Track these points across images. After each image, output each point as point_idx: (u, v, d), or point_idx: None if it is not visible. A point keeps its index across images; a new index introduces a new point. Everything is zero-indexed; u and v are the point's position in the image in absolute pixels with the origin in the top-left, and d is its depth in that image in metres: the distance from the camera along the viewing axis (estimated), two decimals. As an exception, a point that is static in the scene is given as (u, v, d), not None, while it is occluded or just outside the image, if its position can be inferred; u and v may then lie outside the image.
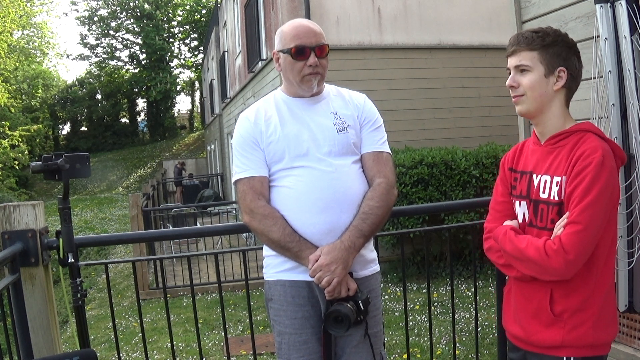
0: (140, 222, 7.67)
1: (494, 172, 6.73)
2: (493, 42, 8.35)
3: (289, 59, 1.96)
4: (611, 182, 1.56)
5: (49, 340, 2.13)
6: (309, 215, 1.90)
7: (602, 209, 1.55)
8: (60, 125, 35.89)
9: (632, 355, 2.80)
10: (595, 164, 1.54)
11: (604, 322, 1.62)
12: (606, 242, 1.61)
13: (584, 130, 1.64)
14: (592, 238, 1.55)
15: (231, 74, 14.92)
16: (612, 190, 1.57)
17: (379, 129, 2.08)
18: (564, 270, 1.56)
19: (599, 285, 1.61)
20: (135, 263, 2.77)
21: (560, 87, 1.65)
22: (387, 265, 7.05)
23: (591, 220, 1.53)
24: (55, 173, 2.02)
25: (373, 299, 1.97)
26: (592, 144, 1.58)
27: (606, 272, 1.63)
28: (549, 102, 1.67)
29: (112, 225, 16.72)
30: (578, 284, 1.60)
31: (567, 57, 1.65)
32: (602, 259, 1.61)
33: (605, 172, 1.54)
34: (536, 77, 1.65)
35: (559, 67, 1.64)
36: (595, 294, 1.61)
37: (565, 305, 1.62)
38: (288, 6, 8.09)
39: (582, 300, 1.61)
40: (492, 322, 4.90)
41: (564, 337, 1.61)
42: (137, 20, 34.02)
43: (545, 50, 1.64)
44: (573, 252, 1.53)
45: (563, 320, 1.62)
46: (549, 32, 1.66)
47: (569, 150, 1.62)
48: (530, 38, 1.65)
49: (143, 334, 2.63)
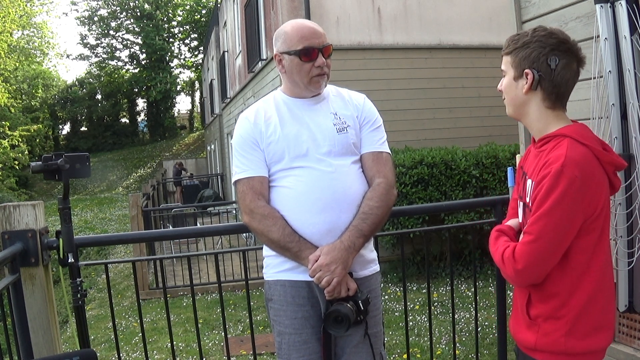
0: (140, 222, 7.67)
1: (494, 172, 6.73)
2: (493, 42, 8.34)
3: (297, 61, 1.95)
4: (571, 192, 1.49)
5: (49, 340, 2.13)
6: (308, 215, 1.90)
7: (560, 219, 1.51)
8: (60, 125, 35.90)
9: (632, 355, 2.80)
10: (552, 174, 1.50)
11: (582, 331, 1.58)
12: (582, 251, 1.56)
13: (562, 135, 1.59)
14: (545, 249, 1.53)
15: (231, 74, 14.92)
16: (577, 201, 1.50)
17: (379, 129, 2.08)
18: (514, 278, 1.60)
19: (575, 295, 1.58)
20: (135, 263, 2.77)
21: (528, 89, 1.61)
22: (387, 265, 7.05)
23: (543, 231, 1.52)
24: (55, 173, 2.02)
25: (373, 299, 1.97)
26: (558, 152, 1.54)
27: (586, 283, 1.58)
28: (523, 105, 1.66)
29: (112, 225, 16.72)
30: (552, 291, 1.59)
31: (537, 57, 1.60)
32: (578, 269, 1.57)
33: (562, 182, 1.49)
34: (507, 81, 1.67)
35: (525, 69, 1.61)
36: (570, 304, 1.58)
37: (539, 310, 1.63)
38: (288, 6, 8.09)
39: (555, 308, 1.59)
40: (492, 322, 4.90)
41: (537, 341, 1.62)
42: (137, 20, 34.02)
43: (515, 53, 1.64)
44: (521, 262, 1.55)
45: (537, 325, 1.63)
46: (528, 33, 1.63)
47: (545, 155, 1.60)
48: (508, 42, 1.67)
49: (143, 334, 2.63)
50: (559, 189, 1.49)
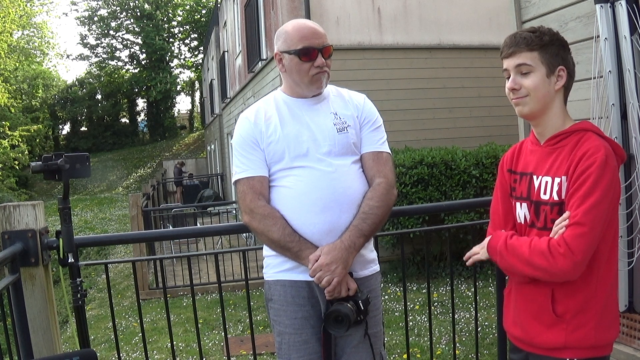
0: (140, 222, 7.67)
1: (494, 172, 6.72)
2: (493, 42, 8.33)
3: (296, 60, 1.95)
4: (614, 182, 1.55)
5: (49, 340, 2.13)
6: (309, 215, 1.90)
7: (605, 209, 1.53)
8: (60, 125, 35.88)
9: (632, 355, 2.80)
10: (598, 163, 1.52)
11: (606, 322, 1.61)
12: (607, 241, 1.60)
13: (583, 129, 1.63)
14: (596, 238, 1.54)
15: (231, 74, 14.92)
16: (614, 190, 1.56)
17: (379, 129, 2.08)
18: (571, 272, 1.54)
19: (600, 285, 1.60)
20: (135, 263, 2.77)
21: (561, 86, 1.65)
22: (387, 265, 7.05)
23: (595, 220, 1.52)
24: (55, 173, 2.02)
25: (373, 299, 1.97)
26: (594, 143, 1.57)
27: (608, 272, 1.62)
28: (550, 102, 1.65)
29: (112, 225, 16.72)
30: (579, 284, 1.59)
31: (565, 56, 1.65)
32: (603, 258, 1.60)
33: (608, 172, 1.52)
34: (539, 78, 1.63)
35: (559, 66, 1.63)
36: (597, 295, 1.59)
37: (567, 305, 1.61)
38: (288, 6, 8.09)
39: (584, 301, 1.59)
40: (492, 322, 4.90)
41: (567, 339, 1.60)
42: (137, 20, 34.01)
43: (544, 49, 1.62)
44: (580, 253, 1.52)
45: (565, 321, 1.60)
46: (545, 31, 1.65)
47: (570, 150, 1.61)
48: (529, 38, 1.63)
49: (143, 334, 2.63)
50: (606, 178, 1.52)
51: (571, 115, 1.71)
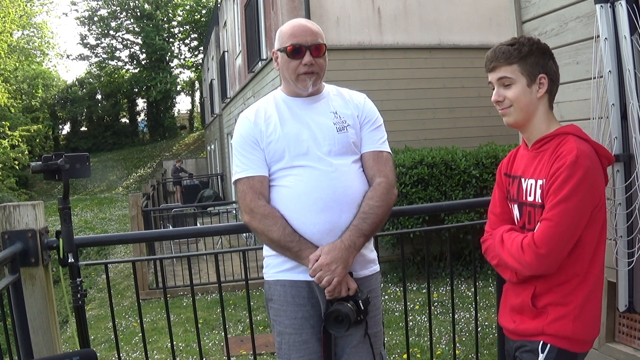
0: (140, 222, 7.67)
1: (493, 172, 6.71)
2: (493, 42, 8.16)
3: (285, 58, 1.97)
4: (586, 181, 1.59)
5: (49, 340, 2.13)
6: (309, 214, 1.90)
7: (575, 206, 1.59)
8: (60, 125, 35.88)
9: (632, 355, 2.79)
10: (567, 163, 1.59)
11: (585, 319, 1.67)
12: (590, 241, 1.65)
13: (564, 133, 1.69)
14: (564, 233, 1.60)
15: (231, 74, 14.92)
16: (589, 189, 1.60)
17: (379, 128, 2.08)
18: (535, 264, 1.63)
19: (582, 283, 1.66)
20: (135, 263, 2.77)
21: (543, 93, 1.72)
22: (387, 265, 7.05)
23: (563, 216, 1.58)
24: (55, 173, 2.02)
25: (373, 299, 1.97)
26: (569, 146, 1.63)
27: (591, 273, 1.67)
28: (534, 109, 1.73)
29: (112, 225, 16.72)
30: (560, 279, 1.66)
31: (545, 63, 1.71)
32: (586, 257, 1.66)
33: (578, 171, 1.58)
34: (520, 89, 1.71)
35: (539, 74, 1.71)
36: (578, 291, 1.66)
37: (547, 299, 1.69)
38: (288, 6, 8.09)
39: (564, 295, 1.67)
40: (492, 322, 4.90)
41: (544, 328, 1.68)
42: (137, 20, 34.01)
43: (523, 61, 1.70)
44: (544, 246, 1.60)
45: (545, 313, 1.69)
46: (524, 42, 1.72)
47: (550, 153, 1.68)
48: (507, 52, 1.72)
49: (143, 334, 2.63)
50: (576, 177, 1.57)
51: (571, 115, 1.73)
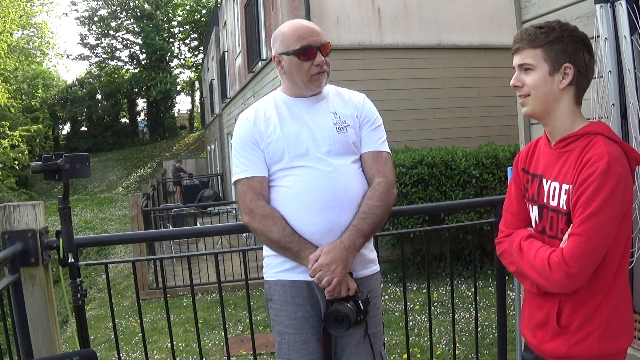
0: (140, 222, 7.67)
1: (494, 172, 6.73)
2: (493, 42, 8.34)
3: (295, 60, 1.95)
4: (619, 190, 1.45)
5: (49, 340, 2.13)
6: (308, 215, 1.90)
7: (608, 218, 1.45)
8: (60, 125, 35.88)
9: (632, 355, 2.80)
10: (599, 172, 1.44)
11: (612, 332, 1.55)
12: (617, 251, 1.52)
13: (593, 132, 1.53)
14: (596, 249, 1.47)
15: (231, 74, 14.92)
16: (621, 198, 1.46)
17: (379, 128, 2.07)
18: (565, 284, 1.50)
19: (608, 295, 1.54)
20: (135, 263, 2.77)
21: (567, 84, 1.55)
22: (387, 265, 7.05)
23: (594, 231, 1.45)
24: (55, 173, 2.02)
25: (373, 299, 1.97)
26: (599, 150, 1.48)
27: (617, 282, 1.55)
28: (555, 101, 1.57)
29: (112, 225, 16.72)
30: (587, 295, 1.54)
31: (574, 52, 1.54)
32: (612, 269, 1.53)
33: (610, 181, 1.44)
34: (540, 76, 1.56)
35: (564, 63, 1.54)
36: (603, 305, 1.54)
37: (571, 318, 1.56)
38: (288, 6, 8.09)
39: (590, 312, 1.54)
40: (492, 322, 4.90)
41: (569, 350, 1.56)
42: (137, 20, 34.01)
43: (549, 46, 1.54)
44: (575, 265, 1.46)
45: (569, 333, 1.56)
46: (555, 26, 1.56)
47: (577, 155, 1.53)
48: (534, 35, 1.56)
49: (143, 334, 2.63)
50: (608, 187, 1.44)
51: None
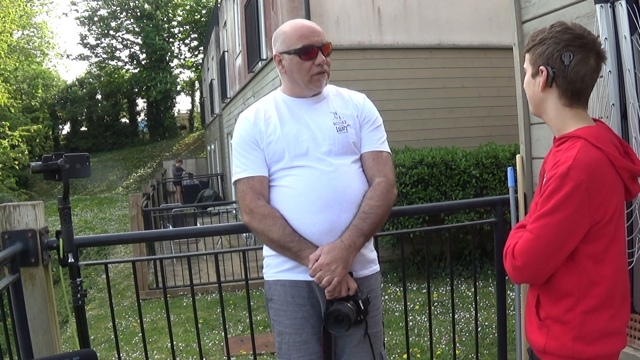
0: (140, 222, 7.67)
1: (494, 172, 6.73)
2: (493, 42, 8.34)
3: (296, 60, 1.95)
4: (577, 196, 1.46)
5: (49, 340, 2.13)
6: (308, 214, 1.90)
7: (559, 222, 1.48)
8: (60, 125, 35.90)
9: (632, 355, 2.79)
10: (557, 176, 1.48)
11: (589, 337, 1.55)
12: (591, 257, 1.53)
13: (576, 136, 1.56)
14: (543, 249, 1.51)
15: (231, 74, 14.92)
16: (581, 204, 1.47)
17: (379, 128, 2.08)
18: (512, 274, 1.59)
19: (584, 300, 1.55)
20: (135, 263, 2.77)
21: (544, 86, 1.59)
22: (387, 265, 7.05)
23: (542, 231, 1.50)
24: (55, 173, 2.02)
25: (373, 299, 1.97)
26: (567, 154, 1.51)
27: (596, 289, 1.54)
28: (541, 103, 1.64)
29: (112, 225, 16.72)
30: (561, 293, 1.57)
31: (551, 54, 1.57)
32: (586, 274, 1.54)
33: (567, 185, 1.46)
34: (527, 79, 1.65)
35: (539, 65, 1.60)
36: (577, 309, 1.55)
37: (548, 311, 1.60)
38: (288, 6, 8.10)
39: (563, 312, 1.57)
40: (492, 322, 4.91)
41: (546, 343, 1.60)
42: (137, 20, 34.02)
43: (533, 50, 1.61)
44: (520, 259, 1.54)
45: (546, 327, 1.61)
46: (544, 29, 1.61)
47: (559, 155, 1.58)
48: (529, 39, 1.64)
49: (143, 334, 2.63)
50: (563, 191, 1.47)
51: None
